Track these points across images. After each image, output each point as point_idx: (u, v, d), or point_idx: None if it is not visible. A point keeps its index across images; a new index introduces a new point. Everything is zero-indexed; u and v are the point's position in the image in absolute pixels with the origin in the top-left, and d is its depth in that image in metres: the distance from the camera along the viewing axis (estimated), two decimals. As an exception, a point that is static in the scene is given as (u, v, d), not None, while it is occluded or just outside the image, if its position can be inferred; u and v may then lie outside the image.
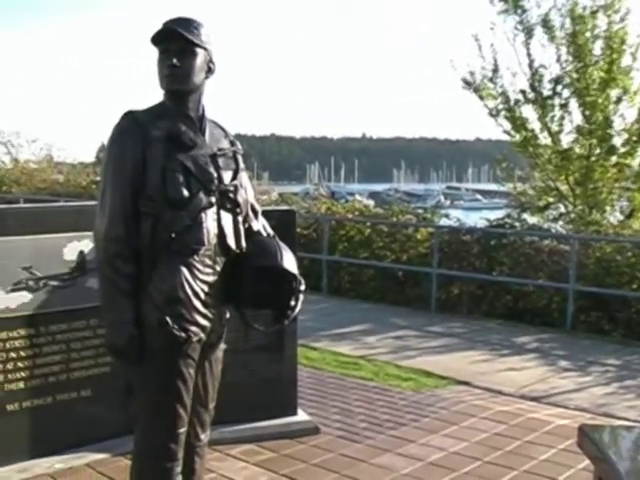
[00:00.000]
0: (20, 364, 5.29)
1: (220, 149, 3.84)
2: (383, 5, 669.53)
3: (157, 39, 3.71)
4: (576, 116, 17.80)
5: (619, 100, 17.42)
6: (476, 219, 16.51)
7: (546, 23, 17.60)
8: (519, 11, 17.91)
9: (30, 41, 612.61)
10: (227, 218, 3.79)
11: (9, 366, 5.24)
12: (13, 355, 5.26)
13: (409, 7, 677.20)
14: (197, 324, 3.69)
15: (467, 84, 18.58)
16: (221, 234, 3.74)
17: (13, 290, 5.24)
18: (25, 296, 5.30)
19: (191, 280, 3.65)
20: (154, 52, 3.76)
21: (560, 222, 16.82)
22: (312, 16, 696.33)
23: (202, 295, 3.69)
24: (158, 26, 3.75)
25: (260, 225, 4.11)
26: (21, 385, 5.29)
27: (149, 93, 4.18)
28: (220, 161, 3.80)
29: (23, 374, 5.30)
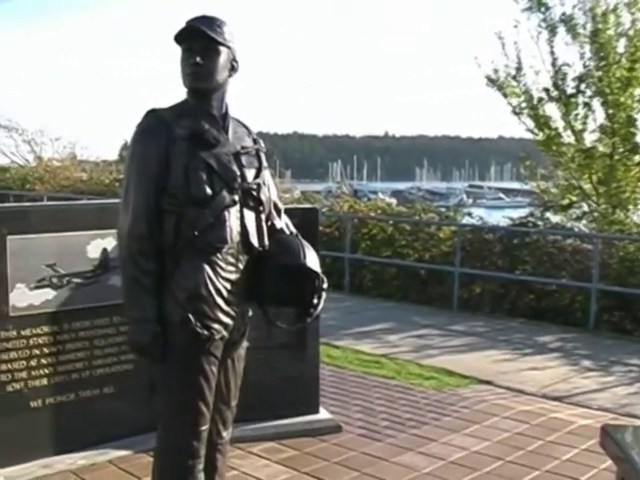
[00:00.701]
0: (43, 361, 5.32)
1: (243, 147, 3.84)
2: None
3: (180, 37, 3.72)
4: (599, 114, 17.73)
5: (643, 99, 17.30)
6: (499, 218, 16.47)
7: (568, 21, 17.51)
8: (542, 9, 17.83)
9: (52, 39, 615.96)
10: (250, 216, 3.79)
11: (32, 363, 5.26)
12: (36, 352, 5.28)
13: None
14: (220, 322, 3.70)
15: (491, 82, 18.51)
16: (244, 232, 3.75)
17: (37, 287, 5.27)
18: (49, 293, 5.33)
19: (214, 278, 3.66)
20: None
21: (583, 221, 16.70)
22: (337, 14, 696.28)
23: (225, 293, 3.70)
24: (179, 24, 3.76)
25: (283, 223, 4.11)
26: (44, 382, 5.32)
27: (173, 90, 4.17)
28: (243, 159, 3.81)
29: (46, 371, 5.33)
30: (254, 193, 3.82)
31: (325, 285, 3.97)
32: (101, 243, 5.55)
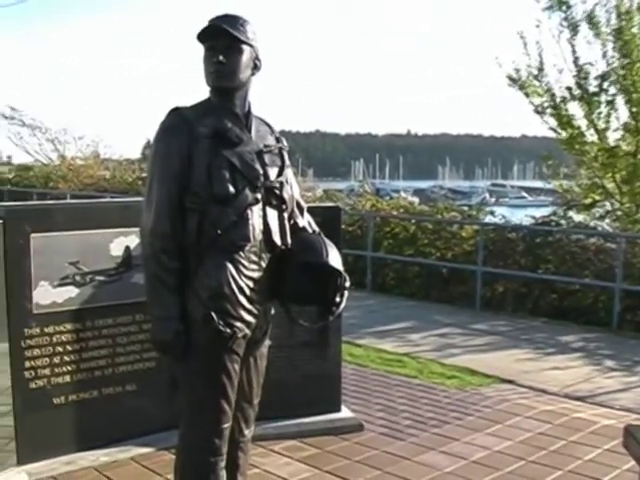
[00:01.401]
0: (66, 358, 5.34)
1: (266, 146, 3.85)
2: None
3: (203, 36, 3.72)
4: (623, 113, 17.63)
5: (667, 97, 17.17)
6: (521, 216, 16.43)
7: (591, 19, 17.42)
8: (564, 7, 17.75)
9: (79, 37, 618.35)
10: (273, 214, 3.80)
11: (56, 360, 5.29)
12: (60, 349, 5.31)
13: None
14: (242, 320, 3.70)
15: (512, 81, 18.45)
16: (267, 230, 3.75)
17: (60, 285, 5.29)
18: (72, 291, 5.35)
19: (236, 276, 3.66)
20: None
21: (607, 220, 16.63)
22: (351, 12, 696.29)
23: (247, 291, 3.70)
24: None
25: (305, 221, 4.11)
26: (67, 379, 5.34)
27: (195, 90, 4.20)
28: (266, 157, 3.81)
29: (69, 368, 5.35)
30: (277, 191, 3.82)
31: (347, 283, 3.96)
32: (124, 241, 5.57)
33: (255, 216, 3.70)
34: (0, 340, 5.04)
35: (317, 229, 4.15)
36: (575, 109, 18.03)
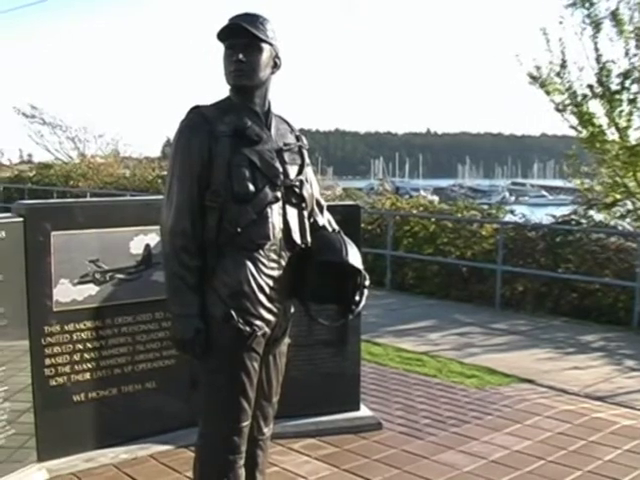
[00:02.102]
0: (86, 355, 5.36)
1: (286, 144, 3.85)
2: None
3: (223, 35, 3.73)
4: (645, 111, 17.50)
5: (690, 95, 17.05)
6: (541, 215, 16.33)
7: (614, 17, 17.31)
8: (587, 4, 17.65)
9: (100, 34, 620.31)
10: (293, 213, 3.80)
11: (76, 357, 5.30)
12: (79, 347, 5.32)
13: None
14: (262, 318, 3.71)
15: (533, 79, 18.36)
16: (286, 229, 3.76)
17: (80, 282, 5.30)
18: (92, 288, 5.36)
19: (256, 274, 3.67)
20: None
21: (627, 219, 16.55)
22: (370, 10, 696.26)
23: (267, 289, 3.71)
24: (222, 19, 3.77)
25: (325, 220, 4.12)
26: (87, 376, 5.36)
27: (214, 89, 4.20)
28: (286, 156, 3.82)
29: (89, 365, 5.37)
30: (296, 190, 3.82)
31: (367, 282, 3.96)
32: (144, 239, 5.58)
33: (275, 214, 3.71)
34: (21, 337, 5.06)
35: (337, 227, 4.15)
36: (596, 107, 17.91)
